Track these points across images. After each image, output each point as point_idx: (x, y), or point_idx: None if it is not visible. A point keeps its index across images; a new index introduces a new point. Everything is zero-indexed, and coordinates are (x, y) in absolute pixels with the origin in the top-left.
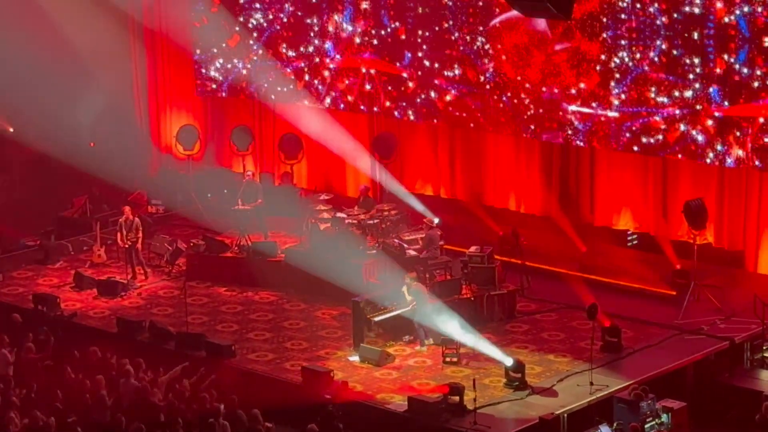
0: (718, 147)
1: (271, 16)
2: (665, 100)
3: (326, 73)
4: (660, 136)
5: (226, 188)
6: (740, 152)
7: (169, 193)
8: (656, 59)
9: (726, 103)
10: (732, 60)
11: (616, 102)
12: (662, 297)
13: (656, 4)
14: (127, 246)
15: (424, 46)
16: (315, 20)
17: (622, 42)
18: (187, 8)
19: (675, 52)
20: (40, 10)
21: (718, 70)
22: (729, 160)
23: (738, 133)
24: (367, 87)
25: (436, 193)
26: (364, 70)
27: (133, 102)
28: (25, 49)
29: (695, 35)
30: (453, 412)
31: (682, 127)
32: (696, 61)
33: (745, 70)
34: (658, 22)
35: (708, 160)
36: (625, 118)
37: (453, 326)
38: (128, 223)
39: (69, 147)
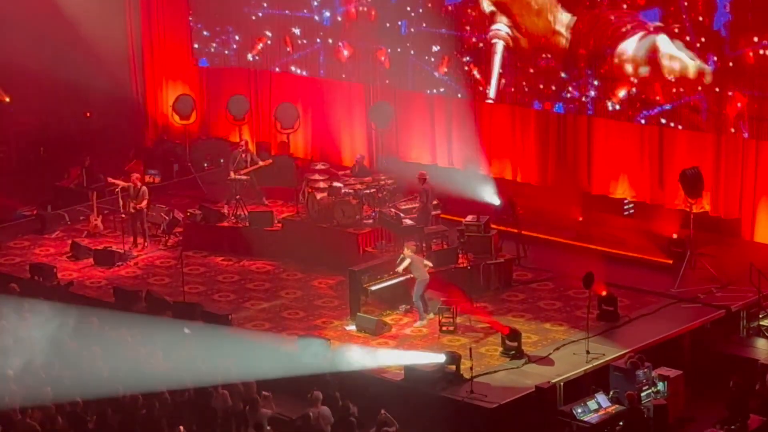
0: None
1: None
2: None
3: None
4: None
5: (222, 158)
6: None
7: (165, 162)
8: None
9: None
10: None
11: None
12: (658, 265)
13: None
14: (131, 213)
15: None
16: None
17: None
18: None
19: None
20: None
21: None
22: None
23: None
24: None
25: (433, 162)
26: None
27: (129, 71)
28: (20, 18)
29: None
30: (449, 381)
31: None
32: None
33: None
34: None
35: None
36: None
37: None
38: (135, 191)
39: (65, 117)
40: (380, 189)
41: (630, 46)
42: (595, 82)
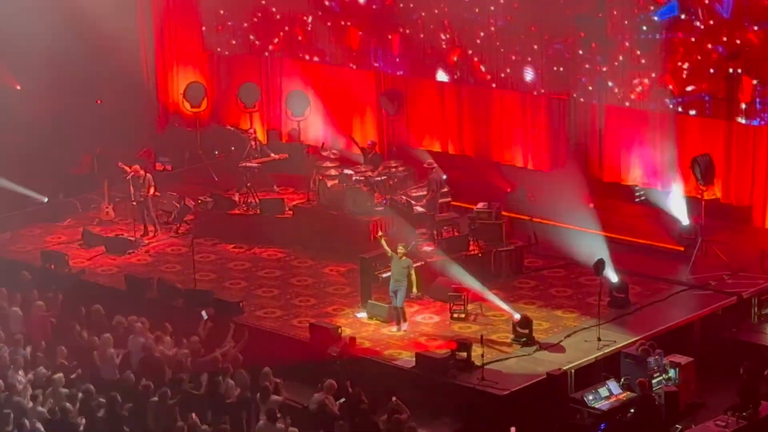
0: None
1: None
2: None
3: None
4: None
5: (233, 145)
6: None
7: (176, 150)
8: None
9: None
10: None
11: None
12: (670, 252)
13: None
14: (137, 202)
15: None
16: None
17: None
18: None
19: None
20: None
21: None
22: None
23: None
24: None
25: (444, 149)
26: None
27: (139, 58)
28: (31, 5)
29: None
30: (460, 368)
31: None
32: None
33: None
34: None
35: None
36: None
37: None
38: (137, 180)
39: (76, 104)
40: (391, 176)
41: None
42: (604, 69)
